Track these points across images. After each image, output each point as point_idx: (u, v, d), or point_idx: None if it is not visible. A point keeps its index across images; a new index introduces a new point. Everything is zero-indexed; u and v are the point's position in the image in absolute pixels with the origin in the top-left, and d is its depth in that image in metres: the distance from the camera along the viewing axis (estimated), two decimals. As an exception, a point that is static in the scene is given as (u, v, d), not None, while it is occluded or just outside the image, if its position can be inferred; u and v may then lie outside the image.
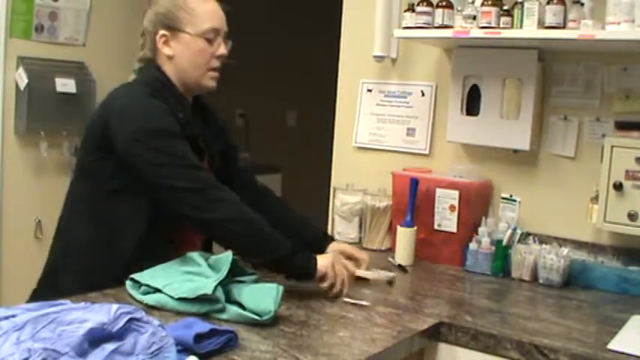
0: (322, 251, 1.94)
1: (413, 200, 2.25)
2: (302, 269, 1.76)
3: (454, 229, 2.24)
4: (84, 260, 1.78)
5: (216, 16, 1.87)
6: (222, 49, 1.87)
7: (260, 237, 1.72)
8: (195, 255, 1.75)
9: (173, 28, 1.83)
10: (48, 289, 1.79)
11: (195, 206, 1.68)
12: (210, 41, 1.84)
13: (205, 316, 1.53)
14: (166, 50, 1.83)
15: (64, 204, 1.89)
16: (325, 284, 1.77)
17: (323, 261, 1.77)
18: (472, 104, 2.33)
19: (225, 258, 1.66)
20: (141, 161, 1.70)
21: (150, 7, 1.90)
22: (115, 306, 1.19)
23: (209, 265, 1.70)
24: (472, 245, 2.19)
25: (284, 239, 1.73)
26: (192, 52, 1.83)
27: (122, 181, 1.75)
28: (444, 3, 2.15)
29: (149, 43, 1.87)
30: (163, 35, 1.83)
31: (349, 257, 1.98)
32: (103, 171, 1.77)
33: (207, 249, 1.93)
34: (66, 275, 1.80)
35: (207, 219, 1.69)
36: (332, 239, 2.10)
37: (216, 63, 1.87)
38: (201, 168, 1.75)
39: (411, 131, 2.52)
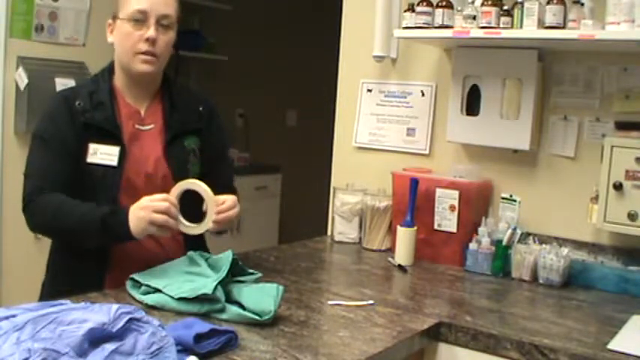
0: None
1: (413, 200, 2.25)
2: (122, 240, 1.74)
3: (454, 229, 2.24)
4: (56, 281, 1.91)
5: None
6: (150, 32, 1.79)
7: (75, 231, 1.74)
8: (195, 255, 1.75)
9: (114, 15, 1.87)
10: (49, 292, 1.87)
11: (25, 214, 1.85)
12: (138, 24, 1.80)
13: (205, 316, 1.53)
14: (109, 38, 1.89)
15: None
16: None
17: (136, 223, 1.67)
18: (472, 104, 2.33)
19: (225, 258, 1.66)
20: None
21: None
22: (115, 306, 1.19)
23: (209, 265, 1.70)
24: (472, 245, 2.19)
25: (86, 223, 1.71)
26: (122, 37, 1.84)
27: None
28: (444, 3, 2.15)
29: None
30: (109, 24, 1.89)
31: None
32: None
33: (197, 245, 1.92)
34: (63, 277, 1.89)
35: (33, 226, 1.84)
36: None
37: (144, 46, 1.80)
38: (34, 178, 1.84)
39: (411, 131, 2.52)
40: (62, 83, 3.22)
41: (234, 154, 4.64)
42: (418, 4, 2.18)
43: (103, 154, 1.80)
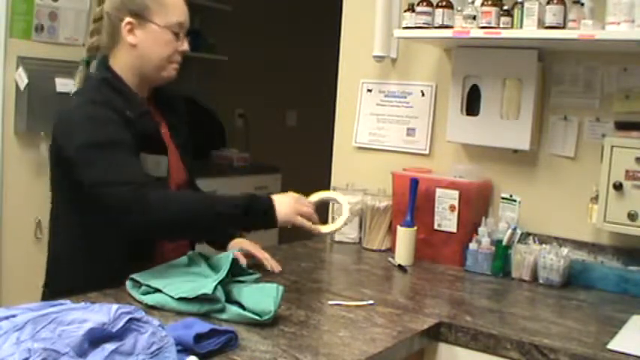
0: (223, 247, 2.02)
1: (413, 200, 2.25)
2: (263, 227, 1.77)
3: (454, 229, 2.24)
4: (71, 275, 1.82)
5: (184, 11, 1.84)
6: (186, 46, 1.84)
7: (206, 221, 1.71)
8: (195, 255, 1.75)
9: (140, 15, 1.78)
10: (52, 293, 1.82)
11: (121, 221, 1.67)
12: (176, 35, 1.82)
13: (205, 316, 1.53)
14: (130, 38, 1.79)
15: (49, 220, 1.92)
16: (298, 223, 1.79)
17: (283, 208, 1.76)
18: (472, 104, 2.33)
19: (225, 258, 1.66)
20: (80, 175, 1.70)
21: None
22: (115, 306, 1.19)
23: (209, 265, 1.70)
24: (472, 245, 2.19)
25: (231, 206, 1.71)
26: (158, 43, 1.80)
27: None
28: (444, 3, 2.15)
29: (109, 28, 1.82)
30: (129, 23, 1.78)
31: (247, 255, 1.99)
32: (71, 185, 1.76)
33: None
34: (63, 296, 1.82)
35: (134, 229, 1.67)
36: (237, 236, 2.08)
37: (178, 57, 1.84)
38: (130, 179, 1.67)
39: (411, 131, 2.52)
40: (62, 83, 3.22)
41: (234, 154, 4.64)
42: (418, 4, 2.18)
43: (152, 163, 1.78)
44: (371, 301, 1.78)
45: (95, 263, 1.78)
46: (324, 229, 1.88)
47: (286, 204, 1.77)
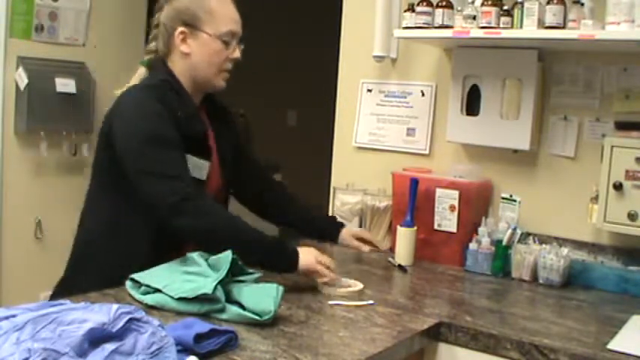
0: (334, 238, 2.18)
1: (413, 200, 2.25)
2: (284, 268, 1.81)
3: (454, 229, 2.25)
4: (102, 260, 1.82)
5: (234, 20, 1.89)
6: (237, 53, 1.90)
7: (239, 242, 1.74)
8: (195, 255, 1.75)
9: (192, 26, 1.84)
10: (68, 288, 1.81)
11: (162, 215, 1.72)
12: (227, 44, 1.87)
13: (205, 316, 1.53)
14: (183, 47, 1.86)
15: (84, 202, 1.93)
16: (317, 278, 1.83)
17: (306, 256, 1.81)
18: (472, 104, 2.33)
19: (225, 258, 1.66)
20: (130, 165, 1.75)
21: (167, 2, 1.89)
22: (115, 306, 1.19)
23: (209, 265, 1.70)
24: (472, 245, 2.19)
25: (264, 239, 1.79)
26: (209, 52, 1.86)
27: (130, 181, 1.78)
28: (444, 3, 2.15)
29: (164, 37, 1.89)
30: (182, 32, 1.85)
31: (363, 240, 2.17)
32: (113, 171, 1.80)
33: None
34: (86, 275, 1.84)
35: (174, 227, 1.73)
36: (342, 225, 2.22)
37: (229, 65, 1.90)
38: (175, 177, 1.73)
39: (411, 131, 2.52)
40: (62, 83, 3.23)
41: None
42: (418, 4, 2.18)
43: (194, 166, 1.82)
44: (371, 301, 1.78)
45: (124, 250, 1.81)
46: (334, 291, 1.85)
47: (308, 252, 1.82)
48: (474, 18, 2.08)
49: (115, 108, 1.85)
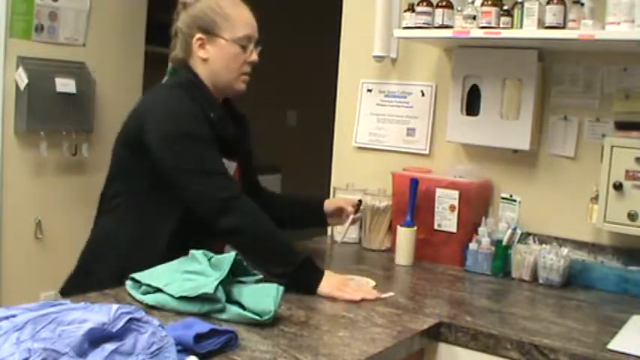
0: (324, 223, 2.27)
1: (413, 200, 2.25)
2: (304, 288, 1.78)
3: (454, 229, 2.25)
4: (122, 253, 1.84)
5: (250, 24, 1.94)
6: (254, 56, 1.95)
7: (268, 250, 1.78)
8: (197, 254, 1.75)
9: (209, 32, 1.88)
10: (84, 274, 1.87)
11: (210, 213, 1.75)
12: (244, 47, 1.91)
13: (205, 316, 1.53)
14: (201, 53, 1.89)
15: (100, 201, 1.95)
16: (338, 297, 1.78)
17: (328, 281, 1.79)
18: (472, 104, 2.33)
19: (227, 258, 1.66)
20: (166, 163, 1.78)
21: (184, 9, 1.92)
22: (115, 306, 1.19)
23: (211, 265, 1.70)
24: (472, 245, 2.19)
25: (292, 254, 1.78)
26: (227, 57, 1.89)
27: (156, 180, 1.81)
28: (444, 3, 2.15)
29: (182, 43, 1.92)
30: (200, 38, 1.88)
31: (341, 209, 2.22)
32: (139, 169, 1.83)
33: None
34: (103, 264, 1.86)
35: (220, 226, 1.76)
36: (322, 204, 2.25)
37: (247, 68, 1.95)
38: (222, 174, 1.80)
39: (411, 131, 2.52)
40: (62, 83, 3.23)
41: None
42: (418, 4, 2.18)
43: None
44: (391, 293, 1.84)
45: (143, 250, 1.83)
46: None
47: (332, 281, 1.80)
48: (474, 18, 2.08)
49: (144, 106, 1.87)
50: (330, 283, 1.79)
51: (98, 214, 1.95)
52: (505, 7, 2.05)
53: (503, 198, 2.28)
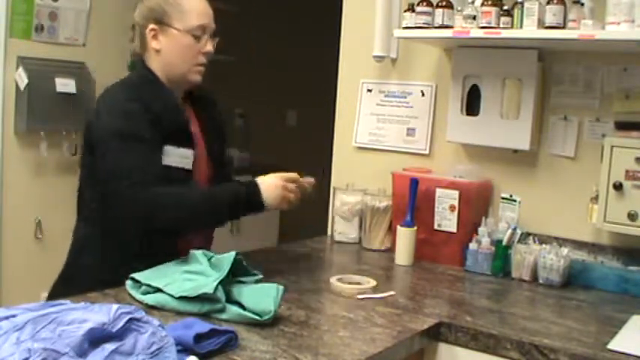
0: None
1: (413, 200, 2.25)
2: (254, 212, 1.84)
3: (454, 229, 2.24)
4: (97, 260, 1.85)
5: (204, 13, 1.89)
6: (209, 47, 1.90)
7: (208, 213, 1.81)
8: (198, 254, 1.75)
9: (162, 22, 1.86)
10: (65, 281, 1.88)
11: (138, 217, 1.74)
12: (197, 38, 1.87)
13: (205, 316, 1.53)
14: (154, 44, 1.88)
15: (78, 205, 1.96)
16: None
17: (269, 195, 1.83)
18: (472, 104, 2.33)
19: (227, 258, 1.66)
20: (103, 160, 1.78)
21: (141, 1, 1.92)
22: (115, 306, 1.19)
23: (211, 265, 1.70)
24: (472, 245, 2.19)
25: (221, 201, 1.81)
26: (180, 48, 1.87)
27: None
28: (444, 3, 2.15)
29: (139, 36, 1.91)
30: (152, 29, 1.87)
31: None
32: (95, 169, 1.83)
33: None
34: (82, 271, 1.87)
35: (158, 226, 1.75)
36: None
37: (202, 59, 1.90)
38: (149, 173, 1.76)
39: (411, 131, 2.52)
40: (62, 83, 3.23)
41: (234, 153, 4.64)
42: (418, 4, 2.18)
43: (178, 156, 1.84)
44: (392, 292, 1.85)
45: (114, 256, 1.83)
46: (354, 289, 1.86)
47: (274, 187, 1.84)
48: (474, 18, 2.08)
49: (95, 105, 1.90)
50: (274, 196, 1.82)
51: (78, 218, 1.95)
52: (505, 7, 2.05)
53: (503, 198, 2.28)
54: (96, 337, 1.14)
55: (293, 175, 1.89)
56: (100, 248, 1.86)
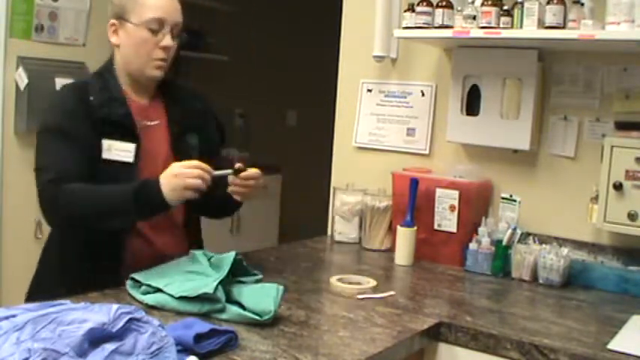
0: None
1: (413, 200, 2.25)
2: (158, 213, 1.74)
3: (454, 229, 2.24)
4: (55, 257, 1.90)
5: (161, 7, 1.84)
6: (167, 41, 1.84)
7: (106, 206, 1.73)
8: (198, 254, 1.75)
9: (120, 17, 1.86)
10: (36, 285, 1.91)
11: (41, 204, 1.76)
12: (153, 31, 1.83)
13: (205, 316, 1.53)
14: (114, 39, 1.88)
15: None
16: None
17: (166, 187, 1.70)
18: (472, 104, 2.33)
19: (227, 258, 1.66)
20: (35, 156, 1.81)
21: None
22: (115, 306, 1.19)
23: (211, 265, 1.70)
24: (472, 245, 2.19)
25: (120, 201, 1.71)
26: (135, 42, 1.84)
27: None
28: (444, 3, 2.15)
29: (107, 32, 1.92)
30: (112, 24, 1.88)
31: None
32: None
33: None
34: (48, 274, 1.90)
35: (61, 218, 1.76)
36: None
37: (160, 53, 1.85)
38: (48, 169, 1.75)
39: (411, 131, 2.52)
40: (62, 83, 3.22)
41: (234, 153, 4.63)
42: (418, 4, 2.18)
43: (118, 150, 1.81)
44: (392, 292, 1.84)
45: (68, 261, 1.85)
46: (354, 289, 1.85)
47: (171, 176, 1.70)
48: (474, 18, 2.08)
49: None
50: (172, 187, 1.69)
51: None
52: (505, 7, 2.05)
53: (503, 198, 2.28)
54: (96, 337, 1.14)
55: (194, 162, 1.74)
56: (59, 248, 1.89)
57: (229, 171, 1.83)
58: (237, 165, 1.86)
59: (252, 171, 1.88)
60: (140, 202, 1.70)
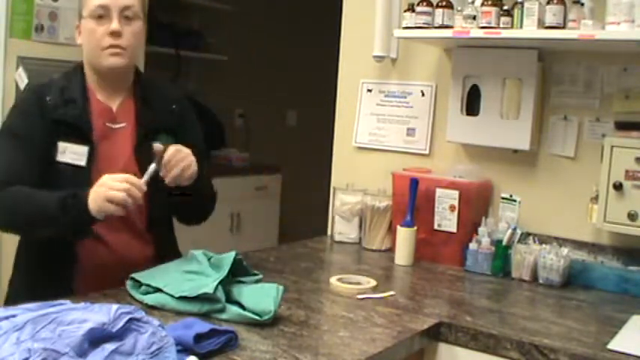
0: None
1: (413, 200, 2.25)
2: (80, 218, 1.64)
3: (454, 229, 2.24)
4: (20, 262, 1.91)
5: None
6: (114, 25, 1.77)
7: (35, 212, 1.68)
8: (198, 253, 1.75)
9: (80, 16, 1.87)
10: (9, 285, 1.91)
11: None
12: (100, 19, 1.79)
13: (205, 316, 1.53)
14: (79, 40, 1.89)
15: None
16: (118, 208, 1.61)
17: (92, 197, 1.62)
18: (472, 104, 2.33)
19: (227, 258, 1.66)
20: None
21: None
22: (115, 306, 1.19)
23: (211, 265, 1.70)
24: (472, 245, 2.19)
25: (48, 210, 1.65)
26: (87, 34, 1.83)
27: None
28: (444, 3, 2.15)
29: None
30: (77, 25, 1.89)
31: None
32: None
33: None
34: (16, 275, 1.92)
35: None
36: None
37: (109, 40, 1.78)
38: (6, 172, 1.73)
39: (411, 131, 2.52)
40: (62, 83, 3.22)
41: (233, 153, 4.64)
42: (418, 4, 2.18)
43: (71, 153, 1.76)
44: (392, 292, 1.84)
45: (31, 263, 1.86)
46: (354, 289, 1.86)
47: (97, 186, 1.62)
48: (474, 18, 2.08)
49: None
50: (94, 197, 1.60)
51: None
52: (505, 7, 2.05)
53: (503, 198, 2.28)
54: (96, 337, 1.14)
55: (125, 175, 1.63)
56: (23, 250, 1.89)
57: (152, 166, 1.70)
58: (155, 150, 1.71)
59: (169, 152, 1.71)
60: (66, 210, 1.63)
